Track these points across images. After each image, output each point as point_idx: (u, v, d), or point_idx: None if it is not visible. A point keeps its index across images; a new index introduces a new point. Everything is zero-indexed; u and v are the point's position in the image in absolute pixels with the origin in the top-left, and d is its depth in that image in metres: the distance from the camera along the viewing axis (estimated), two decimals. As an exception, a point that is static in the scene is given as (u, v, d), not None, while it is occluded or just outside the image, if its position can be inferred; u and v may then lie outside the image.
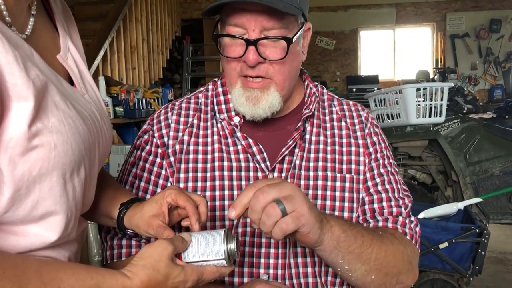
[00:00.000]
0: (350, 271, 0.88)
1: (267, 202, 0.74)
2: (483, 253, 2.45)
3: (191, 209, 0.81)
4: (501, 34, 9.61)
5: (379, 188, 1.03)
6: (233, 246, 0.75)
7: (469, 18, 9.68)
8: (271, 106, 0.95)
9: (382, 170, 1.04)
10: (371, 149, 1.05)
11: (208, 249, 0.74)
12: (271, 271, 0.98)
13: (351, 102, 1.13)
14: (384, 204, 1.01)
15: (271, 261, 0.98)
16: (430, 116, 3.62)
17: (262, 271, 0.98)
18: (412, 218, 1.04)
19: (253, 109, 0.95)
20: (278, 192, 0.75)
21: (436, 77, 9.13)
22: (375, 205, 1.01)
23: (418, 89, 3.61)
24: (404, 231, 0.99)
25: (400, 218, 1.01)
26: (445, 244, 2.47)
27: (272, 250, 0.98)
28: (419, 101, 3.63)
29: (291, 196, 0.75)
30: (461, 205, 2.84)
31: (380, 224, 0.99)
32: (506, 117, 4.68)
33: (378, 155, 1.05)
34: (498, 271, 3.34)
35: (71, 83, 0.77)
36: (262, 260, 0.98)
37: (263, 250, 0.98)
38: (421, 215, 2.74)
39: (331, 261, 0.87)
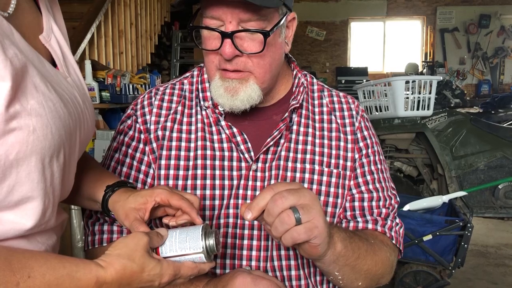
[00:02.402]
0: (342, 280, 0.91)
1: (285, 208, 0.73)
2: (466, 246, 2.48)
3: (187, 206, 0.79)
4: (489, 30, 9.71)
5: (370, 186, 1.03)
6: (211, 241, 0.73)
7: (459, 13, 9.75)
8: (249, 98, 0.92)
9: (373, 168, 1.04)
10: (361, 144, 1.04)
11: (186, 244, 0.73)
12: (253, 263, 0.97)
13: (341, 94, 1.10)
14: (374, 203, 1.02)
15: (254, 253, 0.97)
16: (418, 109, 3.64)
17: (244, 263, 0.97)
18: (398, 220, 1.05)
19: (231, 101, 0.92)
20: (297, 199, 0.73)
21: (424, 70, 9.21)
22: (365, 204, 1.02)
23: (407, 82, 3.62)
24: (391, 235, 1.01)
25: (389, 222, 1.02)
26: (429, 237, 2.50)
27: (254, 242, 0.97)
28: (407, 94, 3.64)
29: (308, 206, 0.73)
30: (446, 198, 2.87)
31: (370, 225, 1.01)
32: (492, 112, 4.74)
33: (369, 151, 1.04)
34: (479, 263, 3.39)
35: (54, 65, 0.74)
36: (245, 252, 0.97)
37: (245, 242, 0.97)
38: (406, 207, 2.76)
39: (326, 271, 0.90)
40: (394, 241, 1.01)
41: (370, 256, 0.92)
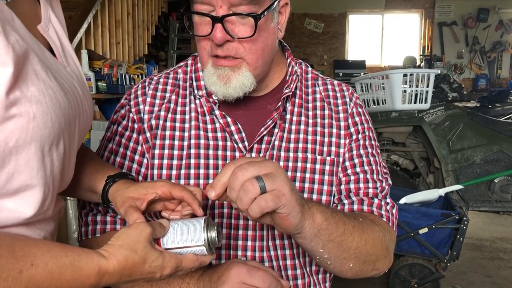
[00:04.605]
0: (329, 259, 0.86)
1: (246, 179, 0.69)
2: (461, 239, 2.50)
3: (189, 197, 0.78)
4: (488, 24, 9.70)
5: (357, 169, 1.00)
6: (213, 234, 0.73)
7: (457, 6, 9.73)
8: (242, 86, 0.91)
9: (362, 151, 1.02)
10: (352, 130, 1.03)
11: (188, 236, 0.72)
12: (249, 253, 0.96)
13: (335, 82, 1.09)
14: (361, 185, 0.99)
15: (249, 243, 0.97)
16: (415, 103, 3.63)
17: (239, 253, 0.97)
18: (388, 200, 1.01)
19: (224, 88, 0.91)
20: (258, 170, 0.70)
21: (422, 64, 9.20)
22: (351, 186, 0.99)
23: (405, 75, 3.61)
24: (380, 213, 0.97)
25: (376, 200, 0.98)
26: (425, 230, 2.51)
27: (250, 232, 0.97)
28: (405, 87, 3.64)
29: (272, 174, 0.71)
30: (442, 191, 2.88)
31: (356, 206, 0.98)
32: (489, 106, 4.75)
33: (360, 136, 1.02)
34: (474, 257, 3.42)
35: (53, 55, 0.73)
36: (240, 242, 0.97)
37: (240, 232, 0.97)
38: (403, 201, 2.77)
39: (310, 249, 0.85)
40: (385, 219, 0.97)
41: (358, 233, 0.87)
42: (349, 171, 1.00)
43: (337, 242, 0.84)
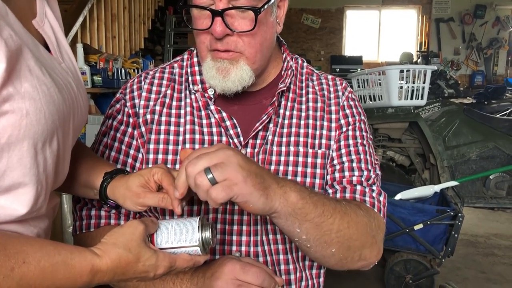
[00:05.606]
0: (308, 241, 0.83)
1: (195, 173, 0.69)
2: (456, 235, 2.51)
3: (172, 194, 0.77)
4: (485, 20, 9.71)
5: (343, 158, 0.99)
6: (208, 234, 0.72)
7: (454, 3, 9.72)
8: (241, 79, 0.90)
9: (350, 142, 1.00)
10: (342, 122, 1.02)
11: (182, 236, 0.72)
12: (243, 248, 0.97)
13: (329, 76, 1.09)
14: (346, 173, 0.98)
15: (243, 238, 0.97)
16: (411, 99, 3.64)
17: (234, 248, 0.97)
18: (374, 188, 0.98)
19: (222, 82, 0.90)
20: (208, 161, 0.70)
21: (419, 60, 9.20)
22: (336, 175, 0.98)
23: (401, 71, 3.62)
24: (363, 200, 0.94)
25: (359, 187, 0.96)
26: (420, 226, 2.52)
27: (244, 227, 0.97)
28: (401, 83, 3.64)
29: (222, 164, 0.69)
30: (437, 188, 2.90)
31: (338, 195, 0.96)
32: (485, 103, 4.76)
33: (350, 127, 1.02)
34: (469, 253, 3.44)
35: (47, 50, 0.72)
36: (234, 237, 0.97)
37: (235, 227, 0.97)
38: (398, 197, 2.78)
39: (287, 229, 0.81)
40: (368, 205, 0.94)
41: (340, 215, 0.83)
42: (335, 161, 0.99)
43: (316, 223, 0.81)
